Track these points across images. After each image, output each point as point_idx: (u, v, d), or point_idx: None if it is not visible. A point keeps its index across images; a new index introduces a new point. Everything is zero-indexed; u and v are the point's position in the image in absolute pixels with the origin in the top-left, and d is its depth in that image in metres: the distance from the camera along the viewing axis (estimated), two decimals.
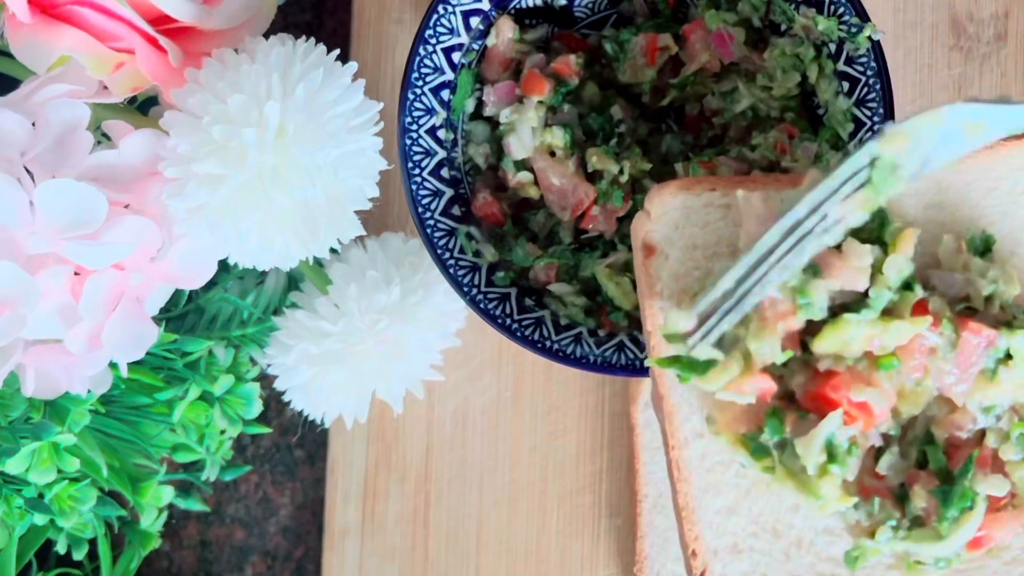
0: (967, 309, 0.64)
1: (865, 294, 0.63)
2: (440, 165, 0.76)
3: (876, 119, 0.72)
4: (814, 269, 0.62)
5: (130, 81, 0.69)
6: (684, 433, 0.65)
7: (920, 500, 0.64)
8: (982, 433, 0.64)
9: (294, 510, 0.90)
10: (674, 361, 0.63)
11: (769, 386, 0.63)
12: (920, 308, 0.62)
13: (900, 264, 0.62)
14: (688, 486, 0.65)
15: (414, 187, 0.75)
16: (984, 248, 0.65)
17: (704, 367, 0.63)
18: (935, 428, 0.65)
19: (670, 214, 0.64)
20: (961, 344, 0.62)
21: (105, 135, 0.70)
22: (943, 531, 0.63)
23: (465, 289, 0.75)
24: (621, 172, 0.75)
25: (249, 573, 0.90)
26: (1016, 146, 0.65)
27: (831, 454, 0.62)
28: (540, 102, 0.76)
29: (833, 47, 0.73)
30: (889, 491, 0.64)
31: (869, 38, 0.71)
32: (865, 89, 0.72)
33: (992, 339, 0.62)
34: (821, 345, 0.63)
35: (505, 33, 0.76)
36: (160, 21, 0.69)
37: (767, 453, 0.64)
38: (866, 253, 0.62)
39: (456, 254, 0.76)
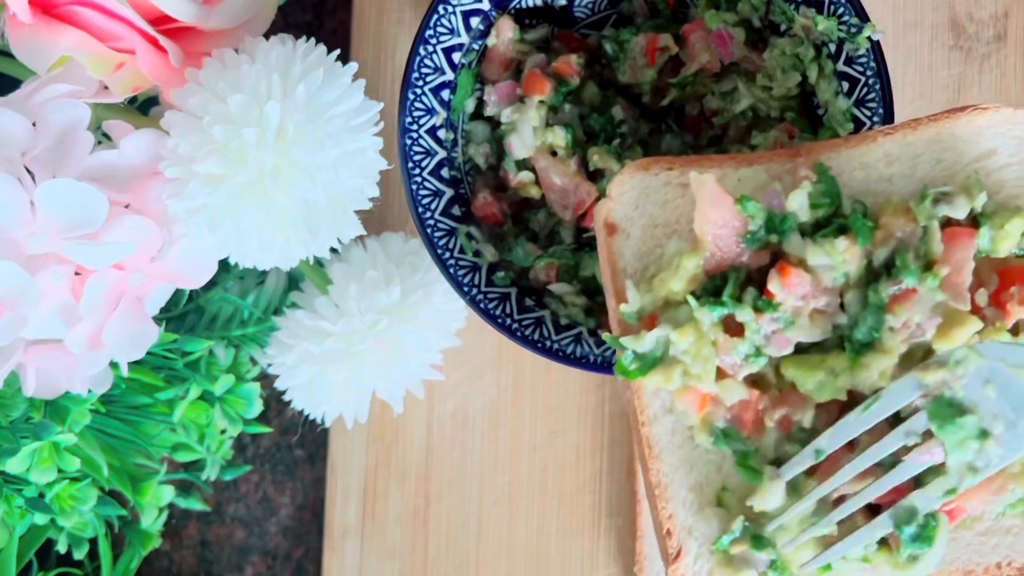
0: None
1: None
2: (440, 165, 0.76)
3: (876, 119, 0.72)
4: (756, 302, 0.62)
5: (131, 81, 0.69)
6: (654, 408, 0.64)
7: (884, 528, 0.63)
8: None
9: (294, 510, 0.90)
10: (629, 355, 0.63)
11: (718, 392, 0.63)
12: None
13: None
14: (660, 463, 0.64)
15: (414, 187, 0.75)
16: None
17: (652, 364, 0.62)
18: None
19: (629, 194, 0.64)
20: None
21: (106, 135, 0.70)
22: (903, 560, 0.63)
23: (465, 289, 0.75)
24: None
25: (249, 572, 0.90)
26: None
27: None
28: (541, 102, 0.76)
29: (833, 47, 0.73)
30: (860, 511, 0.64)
31: (869, 38, 0.71)
32: (865, 89, 0.72)
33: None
34: (788, 371, 0.63)
35: (505, 33, 0.76)
36: (160, 21, 0.69)
37: (730, 438, 0.64)
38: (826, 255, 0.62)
39: (456, 254, 0.76)
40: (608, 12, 0.79)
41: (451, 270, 0.75)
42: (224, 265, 0.72)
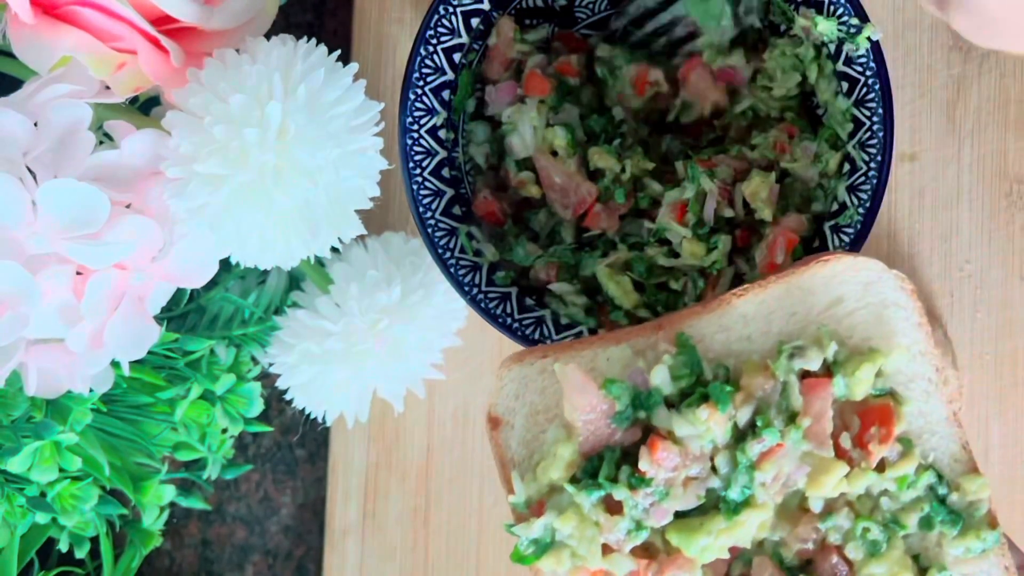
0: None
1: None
2: (441, 165, 0.76)
3: (875, 119, 0.72)
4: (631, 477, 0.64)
5: (132, 81, 0.69)
6: None
7: None
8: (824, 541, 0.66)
9: (295, 509, 0.90)
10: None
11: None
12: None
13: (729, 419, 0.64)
14: None
15: (415, 187, 0.75)
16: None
17: (544, 549, 0.64)
18: (783, 551, 0.66)
19: (509, 386, 0.67)
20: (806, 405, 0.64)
21: (107, 135, 0.70)
22: None
23: (466, 288, 0.75)
24: (623, 171, 0.75)
25: (250, 572, 0.90)
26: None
27: None
28: (542, 102, 0.76)
29: (832, 47, 0.73)
30: None
31: (868, 38, 0.71)
32: (864, 89, 0.72)
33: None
34: (672, 537, 0.64)
35: (506, 33, 0.76)
36: (162, 21, 0.69)
37: None
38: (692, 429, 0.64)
39: (457, 254, 0.76)
40: (608, 12, 0.80)
41: (452, 270, 0.75)
42: (225, 265, 0.72)
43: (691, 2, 0.75)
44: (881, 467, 0.65)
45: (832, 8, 0.71)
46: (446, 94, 0.76)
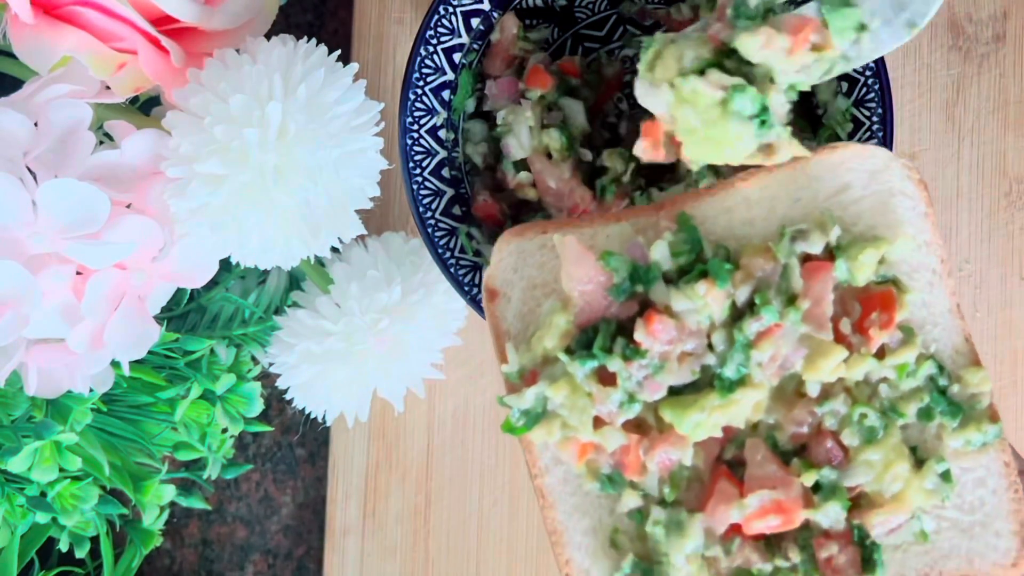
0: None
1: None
2: (441, 165, 0.76)
3: (875, 119, 0.72)
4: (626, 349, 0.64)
5: (132, 81, 0.69)
6: (544, 461, 0.66)
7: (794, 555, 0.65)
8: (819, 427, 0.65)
9: (295, 509, 0.90)
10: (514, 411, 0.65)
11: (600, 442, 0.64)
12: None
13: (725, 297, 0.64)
14: (554, 511, 0.67)
15: (415, 187, 0.75)
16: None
17: (535, 420, 0.64)
18: (778, 434, 0.65)
19: (507, 259, 0.67)
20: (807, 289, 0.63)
21: (107, 135, 0.70)
22: None
23: (466, 288, 0.75)
24: (625, 172, 0.76)
25: (250, 571, 0.90)
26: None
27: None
28: (542, 96, 0.76)
29: None
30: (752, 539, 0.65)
31: None
32: (864, 89, 0.72)
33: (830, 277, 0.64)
34: (665, 413, 0.64)
35: (510, 29, 0.77)
36: (162, 21, 0.69)
37: (616, 482, 0.65)
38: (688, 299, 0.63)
39: (457, 253, 0.76)
40: (608, 12, 0.80)
41: (452, 270, 0.75)
42: (225, 265, 0.72)
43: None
44: (881, 354, 0.64)
45: None
46: (446, 94, 0.76)
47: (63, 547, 0.84)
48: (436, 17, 0.74)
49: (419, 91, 0.75)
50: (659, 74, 0.62)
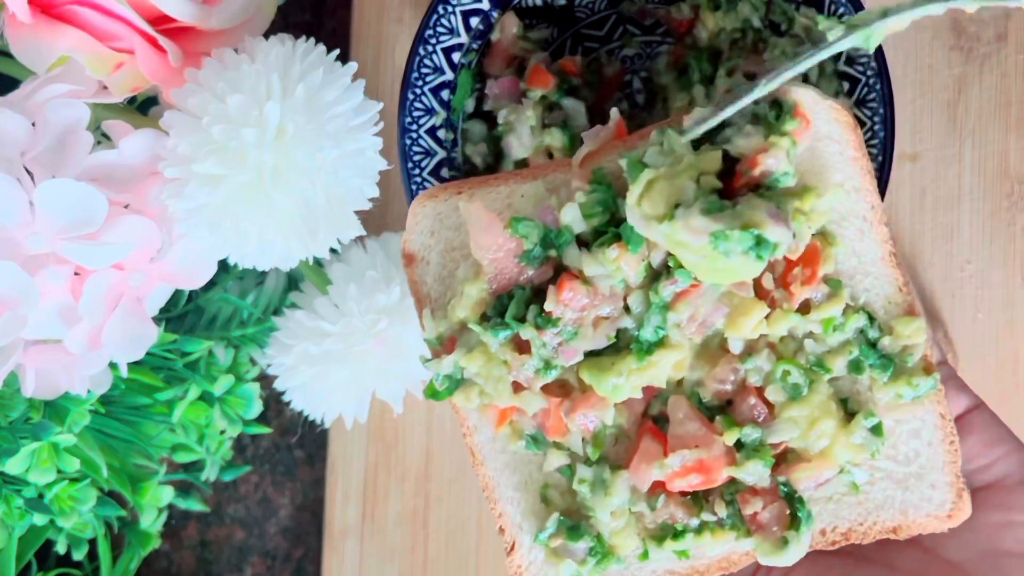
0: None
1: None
2: (440, 165, 0.76)
3: (876, 119, 0.72)
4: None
5: (130, 81, 0.69)
6: (471, 421, 0.66)
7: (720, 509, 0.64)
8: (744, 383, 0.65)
9: (294, 510, 0.90)
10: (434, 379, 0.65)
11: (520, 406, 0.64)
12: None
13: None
14: (485, 468, 0.67)
15: (414, 187, 0.75)
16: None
17: (455, 385, 0.64)
18: (701, 391, 0.64)
19: (424, 222, 0.66)
20: None
21: (105, 135, 0.70)
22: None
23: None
24: None
25: (249, 573, 0.90)
26: None
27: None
28: (544, 96, 0.76)
29: None
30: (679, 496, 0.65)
31: None
32: (865, 89, 0.72)
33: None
34: (584, 375, 0.64)
35: (510, 28, 0.76)
36: (160, 21, 0.69)
37: (540, 442, 0.65)
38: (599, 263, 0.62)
39: None
40: (608, 12, 0.79)
41: None
42: (223, 265, 0.72)
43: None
44: (806, 308, 0.63)
45: (832, 7, 0.71)
46: (445, 94, 0.76)
47: (61, 549, 0.84)
48: (435, 17, 0.74)
49: (418, 91, 0.75)
50: (649, 210, 0.60)
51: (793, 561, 0.64)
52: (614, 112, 0.66)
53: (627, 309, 0.63)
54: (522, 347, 0.63)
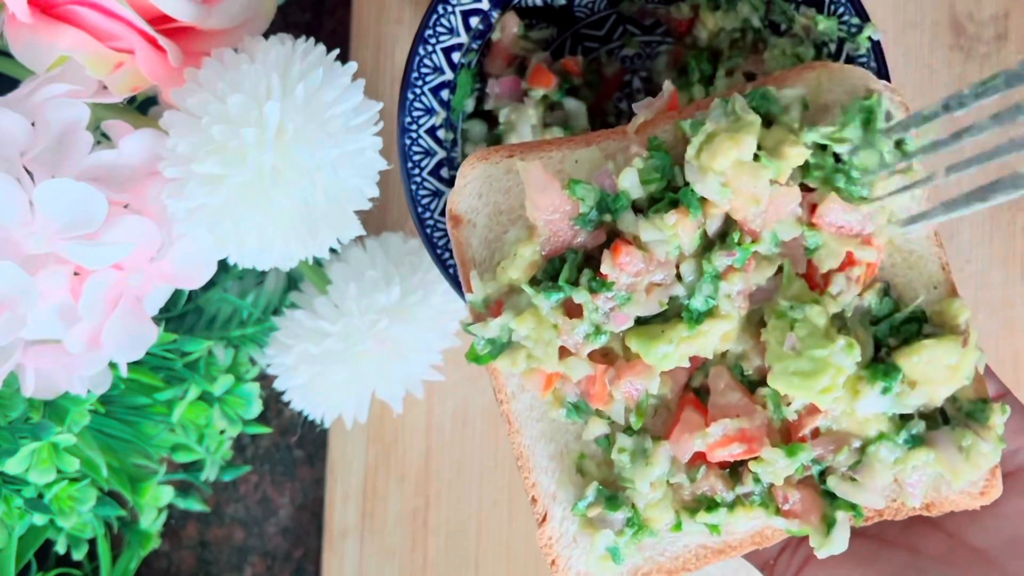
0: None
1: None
2: (440, 165, 0.76)
3: None
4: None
5: (129, 81, 0.69)
6: (511, 387, 0.65)
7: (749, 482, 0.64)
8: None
9: (293, 510, 0.90)
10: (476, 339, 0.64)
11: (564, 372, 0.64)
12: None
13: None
14: (520, 436, 0.66)
15: (414, 187, 0.75)
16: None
17: (500, 349, 0.63)
18: (744, 364, 0.64)
19: (472, 184, 0.65)
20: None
21: (104, 135, 0.70)
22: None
23: (464, 289, 0.75)
24: None
25: (248, 573, 0.90)
26: None
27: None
28: (545, 95, 0.76)
29: (833, 47, 0.73)
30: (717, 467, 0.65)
31: (869, 38, 0.71)
32: None
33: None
34: (632, 343, 0.63)
35: (510, 28, 0.76)
36: (159, 21, 0.69)
37: (582, 410, 0.65)
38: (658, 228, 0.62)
39: None
40: (608, 12, 0.79)
41: (451, 270, 0.75)
42: (223, 265, 0.72)
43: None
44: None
45: (833, 7, 0.71)
46: (445, 94, 0.76)
47: (61, 549, 0.84)
48: (435, 16, 0.74)
49: (418, 91, 0.75)
50: (707, 161, 0.61)
51: (844, 547, 0.63)
52: (667, 84, 0.66)
53: (679, 277, 0.62)
54: (572, 311, 0.62)
